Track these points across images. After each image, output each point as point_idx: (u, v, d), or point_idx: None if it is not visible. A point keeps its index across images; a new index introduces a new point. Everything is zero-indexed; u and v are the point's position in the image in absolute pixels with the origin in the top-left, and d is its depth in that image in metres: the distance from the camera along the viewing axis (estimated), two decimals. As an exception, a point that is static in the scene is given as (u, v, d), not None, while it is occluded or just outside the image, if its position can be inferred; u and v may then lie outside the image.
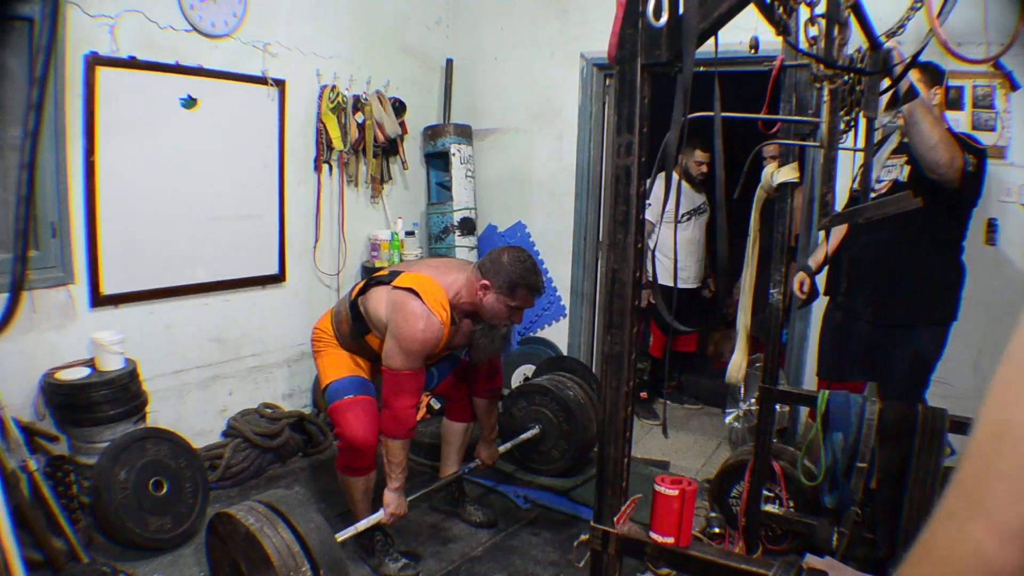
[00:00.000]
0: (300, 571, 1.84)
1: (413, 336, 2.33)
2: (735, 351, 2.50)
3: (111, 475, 2.47)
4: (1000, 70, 2.87)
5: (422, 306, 2.34)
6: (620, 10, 1.09)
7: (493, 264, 2.40)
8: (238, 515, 1.93)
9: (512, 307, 2.41)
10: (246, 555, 1.91)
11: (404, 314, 2.35)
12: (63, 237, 2.72)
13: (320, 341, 2.67)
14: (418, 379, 2.42)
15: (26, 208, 2.18)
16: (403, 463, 2.46)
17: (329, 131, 3.63)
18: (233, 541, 1.95)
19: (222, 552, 2.04)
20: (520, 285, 2.38)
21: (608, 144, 4.08)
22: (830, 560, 2.21)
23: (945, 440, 2.06)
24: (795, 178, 2.15)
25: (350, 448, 2.49)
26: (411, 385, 2.39)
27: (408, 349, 2.34)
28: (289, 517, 1.94)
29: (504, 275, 2.37)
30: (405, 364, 2.36)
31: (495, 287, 2.38)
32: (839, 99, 1.82)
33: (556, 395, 3.22)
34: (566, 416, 3.21)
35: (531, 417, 3.29)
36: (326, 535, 1.97)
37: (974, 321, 3.06)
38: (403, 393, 2.38)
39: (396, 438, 2.42)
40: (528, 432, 3.21)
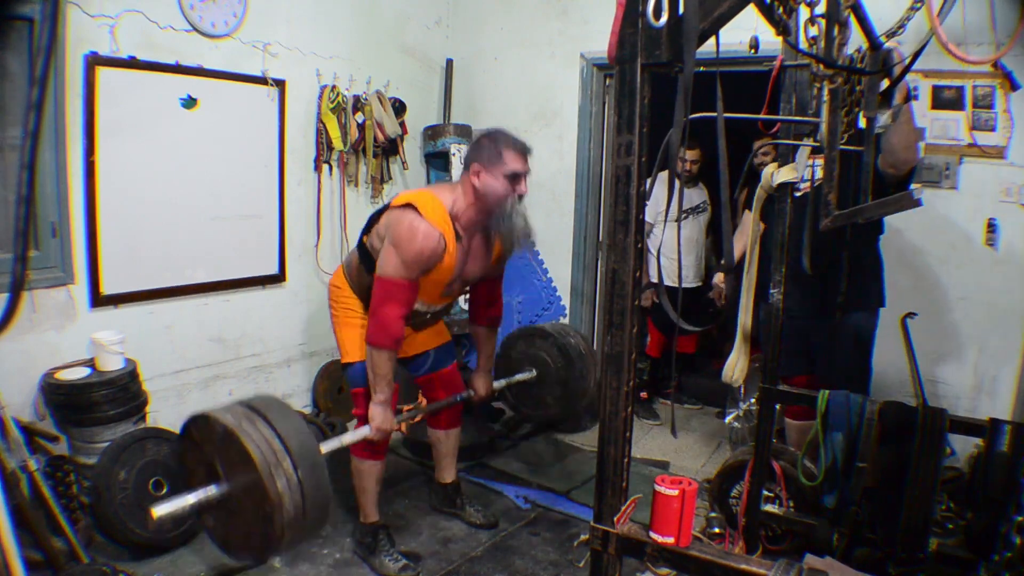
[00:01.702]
0: (282, 466, 1.70)
1: (410, 244, 2.26)
2: (732, 351, 2.50)
3: (111, 475, 2.47)
4: (1000, 70, 2.87)
5: (419, 217, 2.29)
6: (620, 10, 1.09)
7: (473, 150, 2.38)
8: (214, 415, 1.77)
9: (508, 175, 2.33)
10: (223, 455, 1.76)
11: (401, 225, 2.29)
12: (63, 237, 2.72)
13: (337, 302, 2.61)
14: (410, 290, 2.33)
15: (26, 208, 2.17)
16: (388, 376, 2.37)
17: (329, 131, 3.63)
18: (209, 443, 1.80)
19: (196, 458, 1.88)
20: (504, 147, 2.33)
21: (608, 144, 4.08)
22: (830, 560, 2.20)
23: (945, 440, 2.05)
24: (795, 178, 2.15)
25: None
26: (402, 295, 2.31)
27: (404, 257, 2.27)
28: (268, 416, 1.78)
29: (486, 148, 2.34)
30: (399, 273, 2.28)
31: (484, 165, 2.33)
32: (839, 99, 1.82)
33: (557, 340, 3.07)
34: (565, 363, 3.06)
35: (529, 360, 3.13)
36: (306, 435, 1.82)
37: (974, 321, 3.07)
38: (392, 301, 2.30)
39: (382, 347, 2.32)
40: (524, 374, 3.07)
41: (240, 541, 1.80)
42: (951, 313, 3.11)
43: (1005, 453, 1.97)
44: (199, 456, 1.86)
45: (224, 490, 1.73)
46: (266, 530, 1.69)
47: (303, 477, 1.73)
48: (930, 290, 3.13)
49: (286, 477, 1.69)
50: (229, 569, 2.46)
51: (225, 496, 1.74)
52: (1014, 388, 3.00)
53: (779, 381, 2.69)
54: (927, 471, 2.03)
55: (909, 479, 2.05)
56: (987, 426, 2.01)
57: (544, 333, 3.13)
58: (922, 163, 3.01)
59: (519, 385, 3.08)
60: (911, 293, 3.07)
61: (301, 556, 2.60)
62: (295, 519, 1.71)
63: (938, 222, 3.07)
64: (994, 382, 3.05)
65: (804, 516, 2.38)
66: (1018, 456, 1.96)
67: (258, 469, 1.65)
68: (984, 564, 2.06)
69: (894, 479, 2.09)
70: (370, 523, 2.63)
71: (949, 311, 3.11)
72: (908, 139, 2.30)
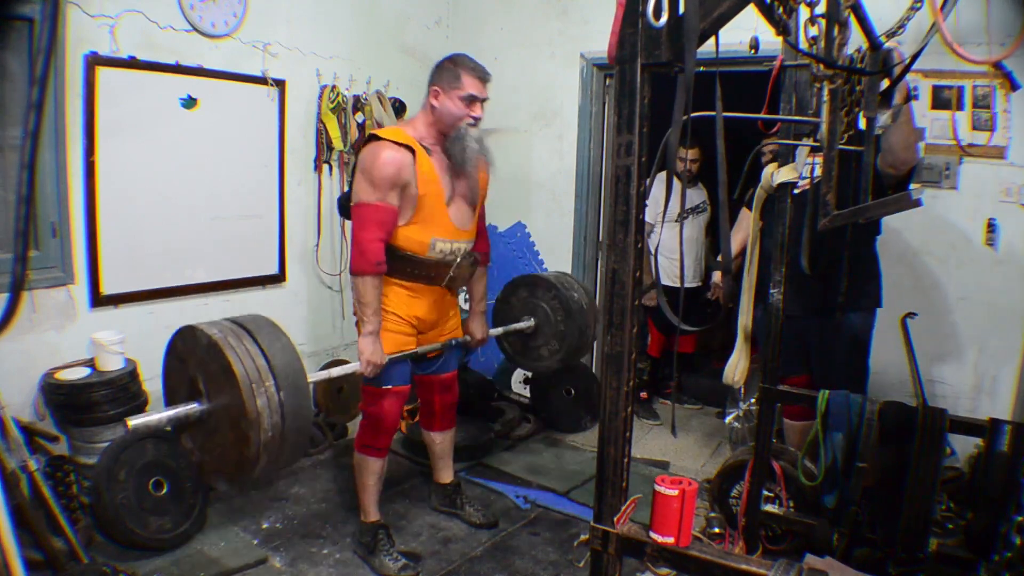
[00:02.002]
0: (264, 383, 1.64)
1: (373, 164, 2.30)
2: (733, 352, 2.50)
3: (111, 475, 2.47)
4: (1000, 70, 2.87)
5: (382, 141, 2.34)
6: (620, 10, 1.09)
7: (434, 72, 2.44)
8: (201, 327, 1.74)
9: (464, 98, 2.39)
10: (205, 369, 1.70)
11: (365, 154, 2.35)
12: (63, 237, 2.72)
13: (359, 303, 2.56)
14: (383, 211, 2.33)
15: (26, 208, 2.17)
16: (374, 304, 2.36)
17: (329, 131, 3.63)
18: (193, 357, 1.75)
19: (178, 375, 1.84)
20: (463, 70, 2.39)
21: (608, 144, 4.08)
22: (830, 560, 2.20)
23: (945, 440, 2.05)
24: (795, 178, 2.15)
25: (376, 426, 2.52)
26: (376, 215, 2.32)
27: (372, 178, 2.30)
28: (255, 334, 1.74)
29: (446, 70, 2.41)
30: (369, 196, 2.31)
31: (443, 87, 2.39)
32: (839, 99, 1.82)
33: (560, 292, 3.01)
34: (564, 315, 3.01)
35: (529, 309, 3.09)
36: (292, 356, 1.77)
37: (974, 321, 3.07)
38: (368, 224, 2.32)
39: (363, 274, 2.33)
40: (522, 323, 3.03)
41: (216, 462, 1.73)
42: (951, 313, 3.11)
43: (1005, 453, 1.97)
44: (182, 372, 1.80)
45: (204, 407, 1.68)
46: (242, 450, 1.63)
47: (284, 398, 1.67)
48: (930, 290, 3.13)
49: (267, 395, 1.63)
50: (229, 569, 2.46)
51: (205, 414, 1.68)
52: (1014, 388, 3.00)
53: (779, 381, 2.71)
54: (927, 471, 2.03)
55: (909, 479, 2.05)
56: (987, 426, 2.01)
57: (547, 284, 3.05)
58: (922, 163, 3.01)
59: (516, 335, 3.03)
60: (911, 293, 3.08)
61: (301, 556, 2.60)
62: (272, 440, 1.64)
63: (938, 222, 3.08)
64: (994, 382, 3.05)
65: (804, 516, 2.38)
66: (1018, 456, 1.96)
67: (239, 384, 1.60)
68: (984, 564, 2.06)
69: (894, 479, 2.09)
70: (370, 522, 2.63)
71: (949, 311, 3.11)
72: (908, 139, 2.31)
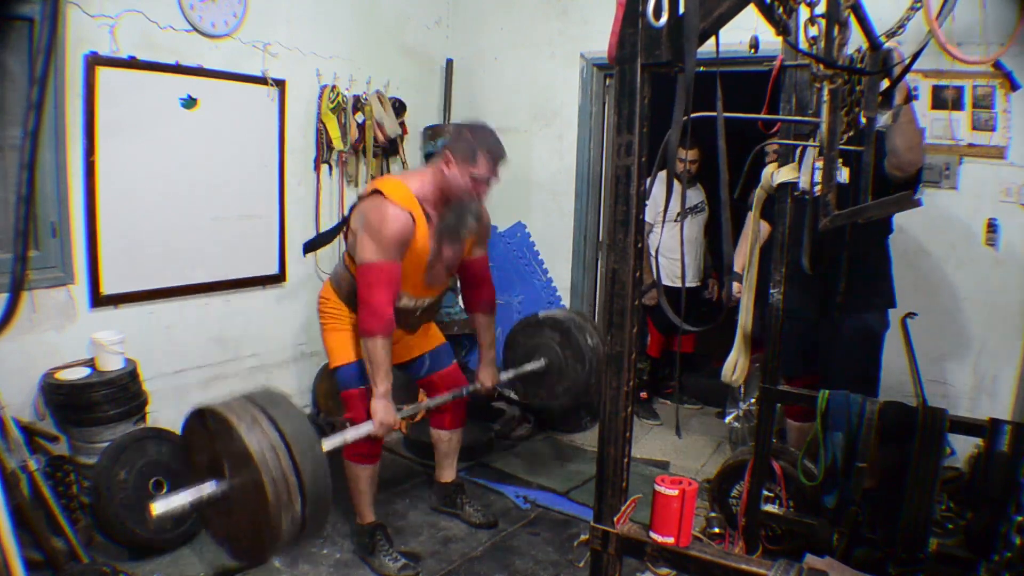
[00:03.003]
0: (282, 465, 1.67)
1: (380, 226, 2.28)
2: (731, 351, 2.50)
3: (111, 475, 2.47)
4: (1000, 70, 2.87)
5: (386, 200, 2.31)
6: (620, 10, 1.09)
7: (454, 139, 2.40)
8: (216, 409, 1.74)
9: (474, 177, 2.37)
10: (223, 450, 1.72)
11: (370, 211, 2.32)
12: (63, 237, 2.72)
13: (326, 312, 2.61)
14: (392, 272, 2.32)
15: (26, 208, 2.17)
16: (386, 365, 2.36)
17: (329, 131, 3.63)
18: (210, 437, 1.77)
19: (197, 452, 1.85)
20: (479, 150, 2.35)
21: (608, 144, 4.08)
22: (830, 560, 2.20)
23: (945, 440, 2.05)
24: (795, 178, 2.15)
25: None
26: (385, 276, 2.31)
27: (378, 240, 2.28)
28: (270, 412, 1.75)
29: (464, 142, 2.36)
30: (378, 255, 2.29)
31: (456, 157, 2.36)
32: (839, 99, 1.82)
33: (569, 332, 2.92)
34: (574, 354, 2.92)
35: (539, 349, 2.99)
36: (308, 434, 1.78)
37: (974, 321, 3.07)
38: (377, 285, 2.30)
39: (375, 334, 2.31)
40: (533, 364, 2.96)
41: (239, 540, 1.77)
42: (951, 313, 3.11)
43: (1005, 453, 1.97)
44: (200, 450, 1.82)
45: (224, 487, 1.71)
46: (265, 530, 1.67)
47: (305, 478, 1.70)
48: (930, 290, 3.13)
49: (286, 476, 1.66)
50: (229, 569, 2.46)
51: (224, 493, 1.71)
52: (1014, 388, 3.00)
53: (780, 381, 2.71)
54: (927, 471, 2.03)
55: (909, 479, 2.05)
56: (987, 426, 2.01)
57: (556, 323, 2.98)
58: (925, 163, 3.00)
59: (529, 375, 2.99)
60: (911, 293, 3.07)
61: (301, 556, 2.60)
62: (295, 519, 1.69)
63: (938, 222, 3.07)
64: (994, 382, 3.05)
65: (804, 516, 2.38)
66: (1018, 456, 1.96)
67: (258, 468, 1.62)
68: (984, 564, 2.06)
69: (894, 479, 2.09)
70: (367, 524, 2.63)
71: (949, 311, 3.11)
72: (911, 140, 2.28)
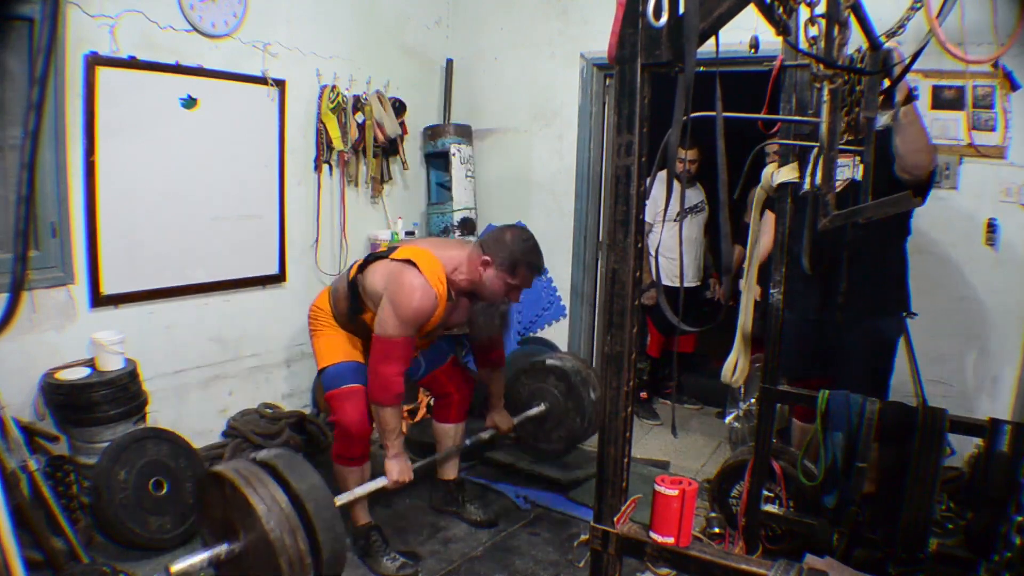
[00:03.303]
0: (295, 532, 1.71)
1: (409, 304, 2.32)
2: (731, 351, 2.50)
3: (111, 475, 2.47)
4: (1000, 70, 2.87)
5: (419, 276, 2.34)
6: (620, 10, 1.09)
7: (496, 242, 2.42)
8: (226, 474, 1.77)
9: (511, 285, 2.42)
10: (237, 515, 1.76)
11: (400, 283, 2.34)
12: (63, 237, 2.72)
13: (317, 320, 2.67)
14: (408, 347, 2.39)
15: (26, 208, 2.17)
16: (397, 429, 2.43)
17: (329, 131, 3.63)
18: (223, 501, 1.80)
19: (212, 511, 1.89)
20: (521, 263, 2.40)
21: (608, 144, 4.08)
22: (830, 560, 2.20)
23: (945, 440, 2.05)
24: (795, 178, 2.15)
25: (346, 435, 2.51)
26: (400, 352, 2.37)
27: (402, 316, 2.32)
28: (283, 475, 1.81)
29: (506, 252, 2.38)
30: (397, 331, 2.33)
31: (495, 263, 2.39)
32: (839, 99, 1.82)
33: (570, 379, 3.06)
34: (576, 408, 3.06)
35: (538, 395, 3.13)
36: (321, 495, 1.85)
37: (974, 321, 3.07)
38: (392, 360, 2.35)
39: (385, 405, 2.39)
40: (535, 409, 3.08)
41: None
42: (951, 313, 3.11)
43: (1005, 453, 1.97)
44: (215, 509, 1.88)
45: (237, 548, 1.75)
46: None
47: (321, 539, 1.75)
48: (930, 290, 3.12)
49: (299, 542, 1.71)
50: (229, 569, 2.46)
51: (238, 554, 1.76)
52: (1014, 388, 3.00)
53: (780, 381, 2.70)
54: (927, 471, 2.03)
55: (909, 479, 2.05)
56: (987, 426, 2.01)
57: (562, 373, 3.10)
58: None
59: (529, 420, 3.11)
60: (911, 293, 3.07)
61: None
62: None
63: (938, 222, 3.07)
64: (994, 382, 3.05)
65: (804, 516, 2.38)
66: (1018, 456, 1.96)
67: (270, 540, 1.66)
68: (984, 564, 2.06)
69: (894, 479, 2.09)
70: (361, 525, 2.63)
71: (949, 311, 3.10)
72: (915, 142, 2.23)
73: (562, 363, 3.13)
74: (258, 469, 1.81)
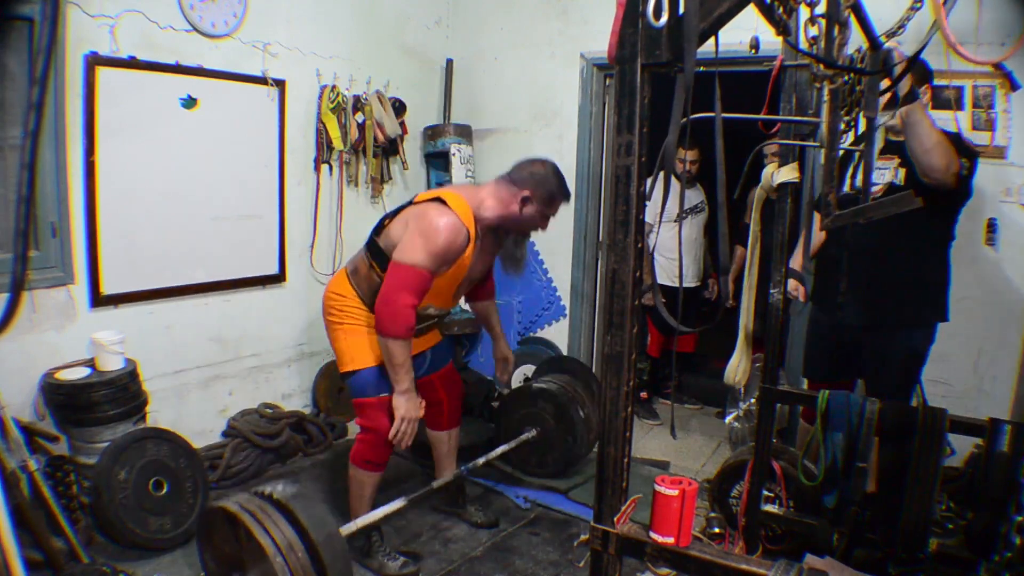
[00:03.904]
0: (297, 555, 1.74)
1: (438, 236, 2.24)
2: (734, 352, 2.50)
3: (111, 475, 2.47)
4: (1000, 70, 2.87)
5: (450, 211, 2.29)
6: (620, 10, 1.09)
7: (532, 176, 2.43)
8: (230, 509, 1.79)
9: (547, 215, 2.49)
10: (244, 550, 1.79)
11: (429, 217, 2.27)
12: (63, 237, 2.72)
13: (338, 310, 2.51)
14: (427, 282, 2.29)
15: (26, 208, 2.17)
16: (407, 364, 2.34)
17: (329, 131, 3.63)
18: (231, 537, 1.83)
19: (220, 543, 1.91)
20: (558, 196, 2.46)
21: (608, 144, 4.08)
22: (830, 560, 2.20)
23: (945, 440, 2.05)
24: (795, 178, 2.15)
25: (379, 444, 2.46)
26: (418, 284, 2.27)
27: (431, 248, 2.24)
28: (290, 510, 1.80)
29: (546, 187, 2.42)
30: (420, 262, 2.24)
31: (536, 197, 2.42)
32: (839, 99, 1.82)
33: (564, 407, 3.18)
34: (567, 429, 3.18)
35: (529, 420, 3.24)
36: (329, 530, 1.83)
37: (974, 321, 3.07)
38: (408, 290, 2.25)
39: (396, 337, 2.28)
40: (525, 434, 3.18)
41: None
42: (951, 313, 3.10)
43: (1005, 453, 1.97)
44: (222, 542, 1.89)
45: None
46: None
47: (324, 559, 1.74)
48: (930, 290, 3.12)
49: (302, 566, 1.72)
50: (229, 569, 2.46)
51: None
52: (1014, 388, 3.00)
53: (811, 382, 2.75)
54: (927, 471, 2.03)
55: (909, 479, 2.05)
56: (987, 426, 2.01)
57: (550, 396, 3.19)
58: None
59: (520, 445, 3.15)
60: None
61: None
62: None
63: (938, 222, 3.07)
64: (994, 382, 3.05)
65: (804, 516, 2.38)
66: (1018, 456, 1.96)
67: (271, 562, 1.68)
68: (984, 564, 2.05)
69: (894, 479, 2.09)
70: None
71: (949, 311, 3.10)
72: (923, 143, 2.17)
73: (548, 386, 3.24)
74: (273, 510, 1.80)
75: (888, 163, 2.49)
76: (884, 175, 2.50)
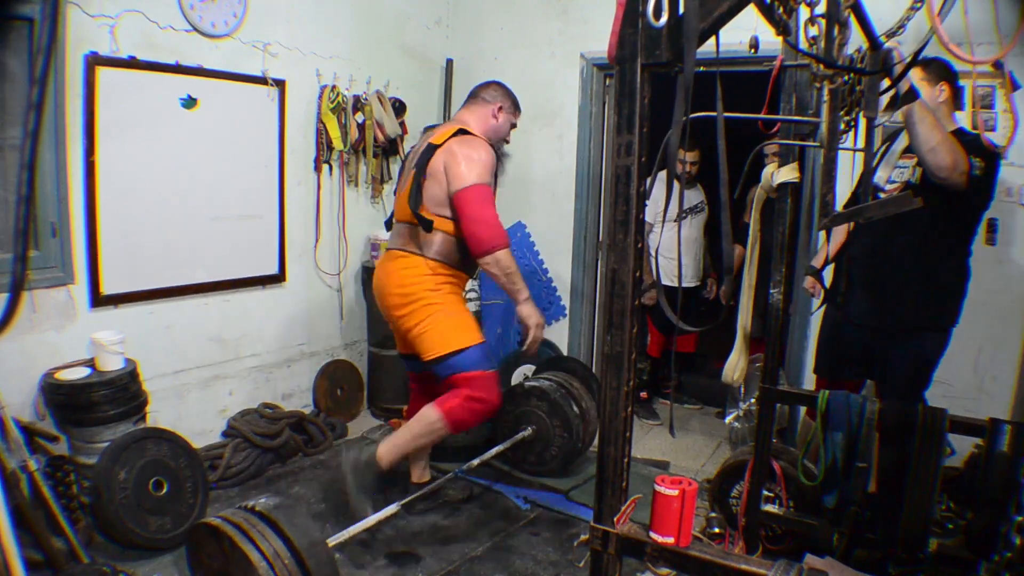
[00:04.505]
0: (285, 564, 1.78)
1: (484, 154, 2.54)
2: (732, 351, 2.50)
3: (111, 475, 2.47)
4: (1001, 70, 2.87)
5: (477, 136, 2.64)
6: (620, 10, 1.09)
7: (494, 91, 2.80)
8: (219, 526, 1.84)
9: (513, 124, 2.85)
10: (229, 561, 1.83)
11: (470, 144, 2.56)
12: (63, 237, 2.72)
13: (429, 293, 2.59)
14: (492, 194, 2.59)
15: (26, 208, 2.17)
16: (519, 270, 2.58)
17: (329, 131, 3.63)
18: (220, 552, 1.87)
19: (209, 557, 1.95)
20: (517, 103, 2.86)
21: (608, 144, 4.08)
22: (830, 560, 2.20)
23: (945, 440, 2.05)
24: (795, 178, 2.15)
25: (486, 413, 2.62)
26: (491, 196, 2.56)
27: (483, 166, 2.52)
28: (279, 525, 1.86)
29: (510, 98, 2.81)
30: (484, 179, 2.51)
31: (506, 109, 2.78)
32: (839, 99, 1.82)
33: (557, 403, 3.21)
34: (562, 424, 3.20)
35: (525, 419, 3.27)
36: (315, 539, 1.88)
37: (974, 321, 3.06)
38: (488, 203, 2.51)
39: (503, 246, 2.51)
40: (521, 432, 3.20)
41: None
42: (952, 314, 3.10)
43: (1005, 453, 1.97)
44: (210, 558, 1.93)
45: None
46: None
47: None
48: (930, 290, 3.12)
49: None
50: (229, 569, 2.46)
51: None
52: (1014, 388, 3.00)
53: (820, 379, 2.73)
54: (927, 471, 2.03)
55: (909, 479, 2.05)
56: (987, 426, 2.01)
57: (542, 393, 3.23)
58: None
59: (518, 444, 3.18)
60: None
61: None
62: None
63: (938, 222, 3.07)
64: (994, 382, 3.05)
65: (804, 516, 2.38)
66: (1018, 456, 1.96)
67: None
68: (984, 564, 2.05)
69: (894, 479, 2.09)
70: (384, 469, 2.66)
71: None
72: (926, 142, 2.14)
73: (540, 383, 3.28)
74: (258, 521, 1.86)
75: (908, 161, 2.48)
76: (903, 174, 2.49)
